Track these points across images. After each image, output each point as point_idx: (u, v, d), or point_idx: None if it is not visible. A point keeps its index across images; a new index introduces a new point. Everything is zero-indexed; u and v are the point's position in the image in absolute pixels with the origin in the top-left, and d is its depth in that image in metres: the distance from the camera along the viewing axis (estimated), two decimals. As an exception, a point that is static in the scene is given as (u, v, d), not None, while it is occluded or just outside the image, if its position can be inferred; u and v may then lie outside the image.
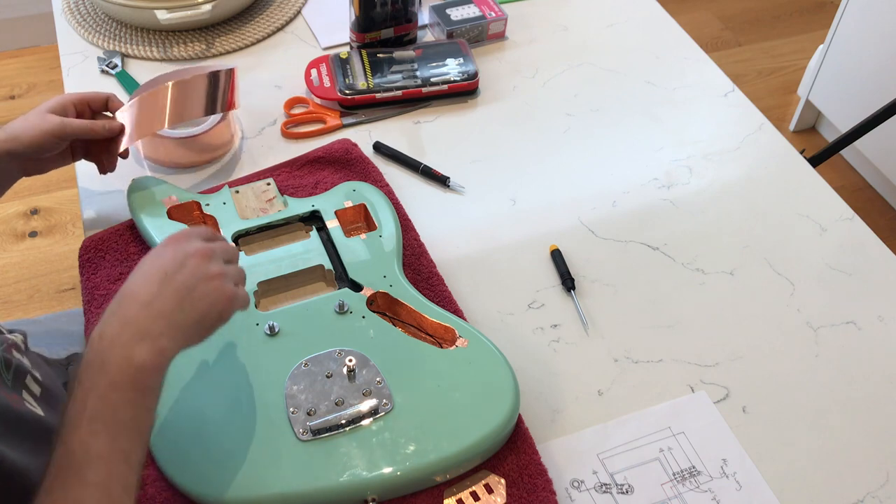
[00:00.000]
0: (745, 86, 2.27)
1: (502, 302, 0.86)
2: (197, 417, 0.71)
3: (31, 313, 1.74)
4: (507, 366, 0.74)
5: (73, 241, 1.87)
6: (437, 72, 1.07)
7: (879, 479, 0.73)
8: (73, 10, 1.19)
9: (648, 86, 1.11)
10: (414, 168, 0.99)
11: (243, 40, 1.15)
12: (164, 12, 1.08)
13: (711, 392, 0.79)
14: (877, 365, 0.82)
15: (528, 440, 0.72)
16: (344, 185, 0.91)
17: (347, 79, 1.06)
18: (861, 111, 1.77)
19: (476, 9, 1.17)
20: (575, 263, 0.89)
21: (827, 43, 1.96)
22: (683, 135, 1.05)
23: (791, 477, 0.73)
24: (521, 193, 0.97)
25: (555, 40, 1.18)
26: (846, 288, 0.88)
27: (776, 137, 1.05)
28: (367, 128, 1.04)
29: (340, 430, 0.69)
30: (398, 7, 1.09)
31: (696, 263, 0.90)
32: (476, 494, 0.69)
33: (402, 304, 0.80)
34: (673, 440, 0.75)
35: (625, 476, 0.73)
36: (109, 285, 0.84)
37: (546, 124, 1.06)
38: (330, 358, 0.74)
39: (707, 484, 0.72)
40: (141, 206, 0.87)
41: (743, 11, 2.56)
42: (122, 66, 1.10)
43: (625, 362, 0.81)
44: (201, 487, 0.67)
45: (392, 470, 0.67)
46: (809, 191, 0.98)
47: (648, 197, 0.97)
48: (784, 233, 0.93)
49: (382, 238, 0.86)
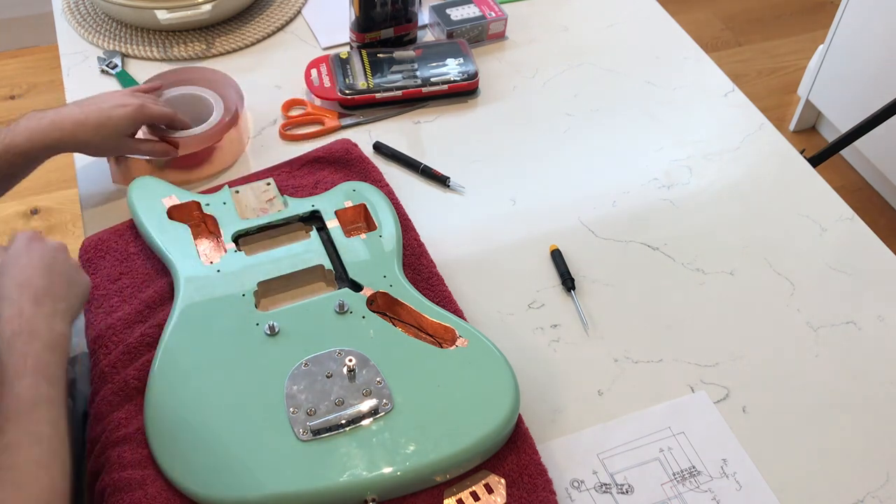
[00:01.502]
0: (745, 86, 2.27)
1: (502, 302, 0.86)
2: (197, 418, 0.71)
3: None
4: (507, 366, 0.74)
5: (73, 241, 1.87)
6: (437, 72, 1.07)
7: (879, 479, 0.73)
8: (73, 10, 1.19)
9: (648, 86, 1.11)
10: (414, 168, 0.99)
11: (243, 40, 1.15)
12: (164, 12, 1.08)
13: (711, 392, 0.79)
14: (877, 365, 0.82)
15: (528, 440, 0.72)
16: (344, 185, 0.91)
17: (347, 79, 1.06)
18: (861, 111, 1.77)
19: (476, 9, 1.17)
20: (575, 263, 0.89)
21: (827, 43, 1.96)
22: (683, 135, 1.05)
23: (791, 477, 0.73)
24: (521, 193, 0.97)
25: (555, 40, 1.18)
26: (846, 288, 0.88)
27: (776, 137, 1.05)
28: (367, 128, 1.04)
29: (340, 430, 0.69)
30: (398, 7, 1.09)
31: (696, 263, 0.90)
32: (476, 494, 0.69)
33: (402, 304, 0.79)
34: (673, 440, 0.75)
35: (625, 476, 0.73)
36: (109, 285, 0.84)
37: (546, 124, 1.06)
38: (330, 358, 0.74)
39: (707, 484, 0.72)
40: (141, 206, 0.87)
41: (743, 11, 2.56)
42: (122, 66, 1.10)
43: (625, 362, 0.81)
44: (201, 487, 0.67)
45: (392, 470, 0.67)
46: (809, 191, 0.98)
47: (648, 197, 0.97)
48: (784, 233, 0.93)
49: (382, 238, 0.86)
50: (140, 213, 0.87)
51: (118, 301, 0.82)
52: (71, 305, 0.71)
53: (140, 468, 0.70)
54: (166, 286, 0.83)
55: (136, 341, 0.78)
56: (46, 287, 0.69)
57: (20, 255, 0.71)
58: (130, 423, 0.73)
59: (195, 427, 0.70)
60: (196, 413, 0.71)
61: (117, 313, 0.81)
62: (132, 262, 0.85)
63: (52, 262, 0.71)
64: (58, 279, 0.70)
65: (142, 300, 0.82)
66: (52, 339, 0.66)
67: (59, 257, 0.73)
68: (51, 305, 0.68)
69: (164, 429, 0.70)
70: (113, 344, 0.79)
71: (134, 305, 0.81)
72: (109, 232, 0.89)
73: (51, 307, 0.68)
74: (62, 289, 0.70)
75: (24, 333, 0.65)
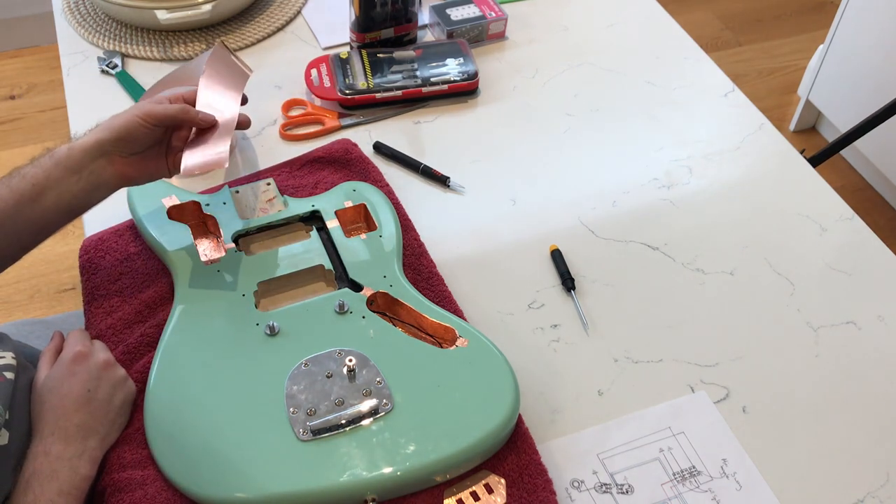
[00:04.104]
0: (745, 86, 2.27)
1: (502, 302, 0.86)
2: (197, 418, 0.71)
3: (31, 313, 1.74)
4: (507, 366, 0.74)
5: (73, 241, 1.87)
6: (437, 72, 1.07)
7: (879, 479, 0.73)
8: (73, 10, 1.19)
9: (648, 86, 1.11)
10: (414, 168, 0.99)
11: (243, 40, 1.15)
12: (164, 12, 1.08)
13: (711, 392, 0.79)
14: (877, 365, 0.82)
15: (528, 440, 0.72)
16: (344, 185, 0.91)
17: (347, 79, 1.06)
18: (861, 111, 1.77)
19: (476, 9, 1.17)
20: (575, 263, 0.89)
21: (827, 43, 1.96)
22: (683, 135, 1.05)
23: (791, 477, 0.73)
24: (521, 193, 0.97)
25: (555, 40, 1.18)
26: (846, 288, 0.88)
27: (776, 137, 1.05)
28: (367, 128, 1.04)
29: (340, 430, 0.69)
30: (398, 7, 1.09)
31: (696, 263, 0.90)
32: (476, 494, 0.69)
33: (402, 304, 0.80)
34: (673, 440, 0.75)
35: (625, 476, 0.73)
36: (109, 285, 0.84)
37: (546, 124, 1.06)
38: (330, 358, 0.74)
39: (707, 484, 0.72)
40: (141, 206, 0.87)
41: (743, 11, 2.56)
42: (122, 66, 1.10)
43: (625, 362, 0.81)
44: (201, 487, 0.67)
45: (392, 470, 0.67)
46: (809, 191, 0.98)
47: (648, 197, 0.97)
48: (784, 233, 0.93)
49: (382, 238, 0.86)
50: (140, 213, 0.87)
51: (118, 301, 0.82)
52: (106, 435, 0.71)
53: (140, 468, 0.70)
54: (166, 286, 0.83)
55: (136, 341, 0.78)
56: (81, 423, 0.68)
57: (62, 382, 0.70)
58: (130, 424, 0.73)
59: (195, 427, 0.70)
60: (196, 413, 0.71)
61: (117, 313, 0.81)
62: (132, 262, 0.85)
63: (95, 389, 0.70)
64: (96, 411, 0.70)
65: (142, 300, 0.82)
66: (71, 483, 0.66)
67: (104, 381, 0.71)
68: (80, 445, 0.68)
69: (164, 429, 0.70)
70: (113, 344, 0.79)
71: (134, 305, 0.81)
72: (109, 232, 0.89)
73: (80, 447, 0.68)
74: (98, 422, 0.70)
75: (43, 474, 0.65)
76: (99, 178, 0.75)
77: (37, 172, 0.72)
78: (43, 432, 0.67)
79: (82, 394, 0.69)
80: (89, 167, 0.74)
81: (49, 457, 0.66)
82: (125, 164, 0.76)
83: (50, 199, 0.73)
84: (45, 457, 0.66)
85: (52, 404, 0.69)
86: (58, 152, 0.74)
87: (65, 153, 0.73)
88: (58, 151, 0.74)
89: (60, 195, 0.73)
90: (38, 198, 0.72)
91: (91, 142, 0.74)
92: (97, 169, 0.75)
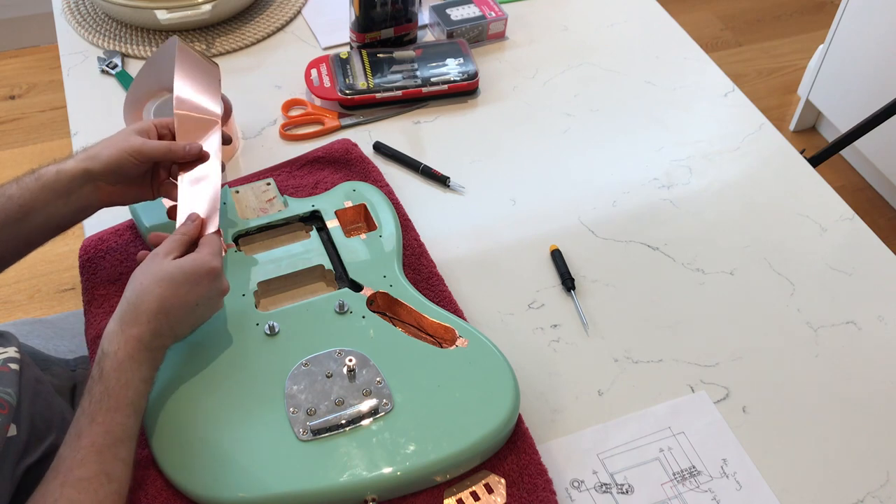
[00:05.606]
0: (745, 86, 2.27)
1: (502, 302, 0.86)
2: (197, 418, 0.71)
3: (31, 313, 1.74)
4: (507, 366, 0.74)
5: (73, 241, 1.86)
6: (437, 72, 1.07)
7: (879, 479, 0.73)
8: (73, 10, 1.19)
9: (648, 86, 1.11)
10: (414, 168, 0.99)
11: (243, 40, 1.15)
12: (164, 12, 1.08)
13: (711, 392, 0.79)
14: (877, 365, 0.82)
15: (528, 440, 0.72)
16: (344, 185, 0.91)
17: (347, 79, 1.06)
18: (861, 111, 1.78)
19: (476, 9, 1.17)
20: (575, 263, 0.89)
21: (827, 43, 1.96)
22: (683, 135, 1.05)
23: (791, 477, 0.73)
24: (521, 193, 0.97)
25: (555, 40, 1.18)
26: (846, 288, 0.88)
27: (776, 137, 1.05)
28: (367, 128, 1.04)
29: (340, 430, 0.69)
30: (398, 7, 1.09)
31: (696, 263, 0.90)
32: (476, 494, 0.69)
33: (402, 304, 0.79)
34: (673, 440, 0.75)
35: (625, 476, 0.73)
36: (109, 285, 0.84)
37: (546, 124, 1.06)
38: (330, 358, 0.74)
39: (707, 484, 0.72)
40: (141, 205, 0.87)
41: (743, 11, 2.56)
42: (122, 66, 1.10)
43: (625, 362, 0.81)
44: (201, 487, 0.67)
45: (392, 470, 0.67)
46: (809, 191, 0.98)
47: (648, 197, 0.97)
48: (784, 233, 0.93)
49: (382, 238, 0.86)
50: (140, 213, 0.87)
51: (118, 301, 0.82)
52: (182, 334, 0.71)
53: (140, 468, 0.70)
54: (166, 286, 0.83)
55: (136, 341, 0.78)
56: (172, 326, 0.68)
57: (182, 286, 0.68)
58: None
59: (195, 427, 0.70)
60: (196, 413, 0.71)
61: (117, 313, 0.81)
62: (132, 262, 0.85)
63: (202, 306, 0.70)
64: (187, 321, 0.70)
65: (142, 300, 0.82)
66: (153, 373, 0.68)
67: (211, 304, 0.72)
68: (169, 340, 0.69)
69: (164, 429, 0.70)
70: (113, 344, 0.79)
71: (134, 305, 0.81)
72: (109, 232, 0.89)
73: (166, 341, 0.69)
74: (180, 329, 0.70)
75: (134, 360, 0.66)
76: (86, 202, 0.77)
77: (23, 194, 0.74)
78: (140, 319, 0.67)
79: (191, 305, 0.69)
80: (77, 192, 0.76)
81: (142, 342, 0.66)
82: (111, 192, 0.78)
83: (37, 220, 0.75)
84: (138, 342, 0.66)
85: (164, 296, 0.67)
86: (45, 174, 0.74)
87: (52, 177, 0.74)
88: (45, 174, 0.75)
89: (49, 216, 0.75)
90: (26, 217, 0.74)
91: (79, 170, 0.75)
92: (85, 194, 0.76)
